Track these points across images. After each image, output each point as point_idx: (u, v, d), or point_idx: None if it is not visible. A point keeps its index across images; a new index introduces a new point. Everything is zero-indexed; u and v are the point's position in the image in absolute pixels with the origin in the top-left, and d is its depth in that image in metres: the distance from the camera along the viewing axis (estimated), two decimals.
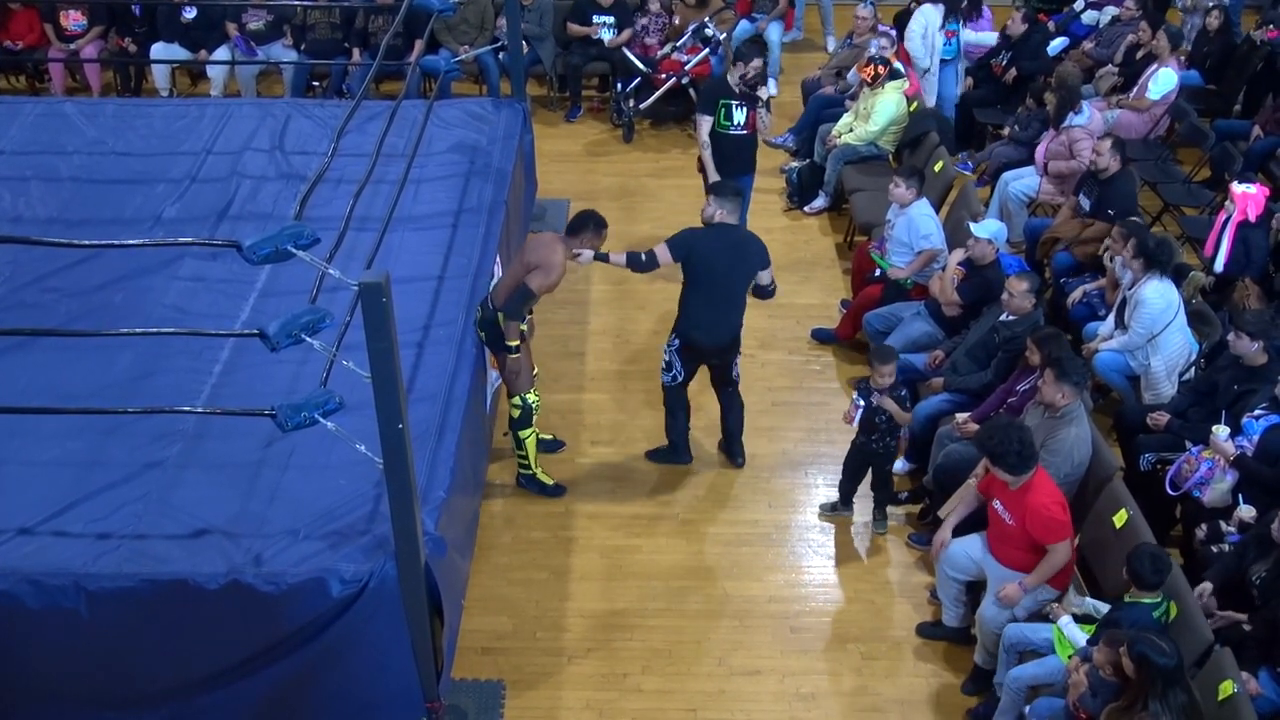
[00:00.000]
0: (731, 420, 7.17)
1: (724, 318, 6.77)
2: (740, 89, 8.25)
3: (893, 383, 6.52)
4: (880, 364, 6.49)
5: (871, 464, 6.71)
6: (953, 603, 6.06)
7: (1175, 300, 6.91)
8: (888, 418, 6.51)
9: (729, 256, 6.64)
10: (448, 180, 7.80)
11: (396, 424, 4.47)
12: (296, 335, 4.28)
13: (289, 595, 4.92)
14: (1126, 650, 4.68)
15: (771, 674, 6.01)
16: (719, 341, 6.80)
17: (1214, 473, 6.02)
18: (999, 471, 5.54)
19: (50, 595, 4.92)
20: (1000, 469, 5.52)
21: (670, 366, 6.88)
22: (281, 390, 5.64)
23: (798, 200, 9.76)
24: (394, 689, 5.22)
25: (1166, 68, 9.33)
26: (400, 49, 10.02)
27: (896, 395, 6.51)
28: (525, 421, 6.77)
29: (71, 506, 5.32)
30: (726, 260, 6.63)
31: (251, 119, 8.49)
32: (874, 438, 6.59)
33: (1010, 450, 5.47)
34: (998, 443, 5.52)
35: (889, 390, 6.48)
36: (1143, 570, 5.11)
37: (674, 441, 7.16)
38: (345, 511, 5.27)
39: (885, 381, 6.48)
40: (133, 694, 5.23)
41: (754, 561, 6.64)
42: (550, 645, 6.14)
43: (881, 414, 6.50)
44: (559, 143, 10.62)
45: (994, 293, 7.02)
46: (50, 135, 8.24)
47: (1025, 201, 8.95)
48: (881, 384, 6.48)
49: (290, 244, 4.25)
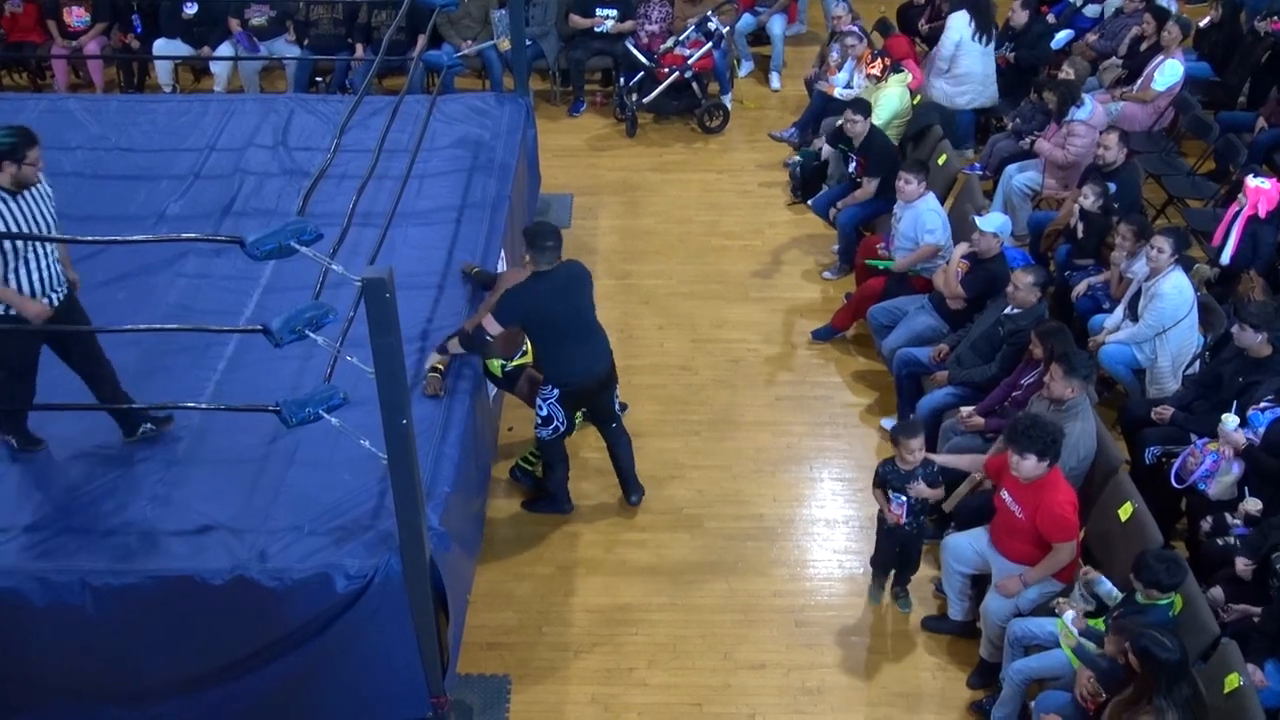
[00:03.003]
0: (621, 455, 6.78)
1: (592, 350, 6.36)
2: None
3: (922, 459, 5.97)
4: (907, 439, 5.91)
5: (903, 546, 6.19)
6: (958, 596, 6.06)
7: (1191, 296, 6.89)
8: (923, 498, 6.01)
9: (564, 298, 6.16)
10: (451, 175, 7.80)
11: (401, 419, 4.47)
12: (300, 331, 4.28)
13: (294, 591, 4.94)
14: (1130, 645, 4.68)
15: (777, 668, 6.01)
16: (598, 375, 6.39)
17: (1219, 465, 6.01)
18: (1015, 457, 5.50)
19: (56, 591, 4.94)
20: (1014, 449, 5.48)
21: (550, 419, 6.35)
22: (286, 386, 5.66)
23: (801, 194, 9.75)
24: (399, 684, 5.23)
25: (1173, 59, 9.31)
26: (403, 44, 10.00)
27: (928, 475, 5.97)
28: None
29: (77, 503, 5.34)
30: (563, 303, 6.15)
31: (255, 115, 8.49)
32: (907, 520, 6.07)
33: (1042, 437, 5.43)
34: (1027, 427, 5.46)
35: (919, 468, 5.95)
36: (1158, 575, 5.08)
37: (555, 493, 6.81)
38: (350, 507, 5.28)
39: (915, 458, 5.92)
40: (138, 689, 5.25)
41: (759, 556, 6.64)
42: (556, 640, 6.14)
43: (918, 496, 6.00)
44: (562, 137, 10.61)
45: (998, 286, 7.01)
46: (53, 131, 8.22)
47: (1029, 194, 8.93)
48: (911, 462, 5.93)
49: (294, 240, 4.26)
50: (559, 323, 6.16)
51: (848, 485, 7.12)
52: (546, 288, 6.11)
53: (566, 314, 6.18)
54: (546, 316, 6.13)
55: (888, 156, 8.54)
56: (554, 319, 6.15)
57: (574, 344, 6.25)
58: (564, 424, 6.40)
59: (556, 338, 6.20)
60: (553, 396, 6.32)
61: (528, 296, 6.08)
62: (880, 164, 8.43)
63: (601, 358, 6.43)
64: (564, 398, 6.33)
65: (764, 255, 9.12)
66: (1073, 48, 10.47)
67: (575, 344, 6.26)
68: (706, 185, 10.01)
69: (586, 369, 6.34)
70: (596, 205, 9.59)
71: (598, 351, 6.41)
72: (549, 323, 6.15)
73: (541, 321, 6.15)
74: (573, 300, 6.22)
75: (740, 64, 11.72)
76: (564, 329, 6.19)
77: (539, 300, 6.09)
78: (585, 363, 6.33)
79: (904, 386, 7.31)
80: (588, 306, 6.36)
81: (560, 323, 6.17)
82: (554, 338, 6.20)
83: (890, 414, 7.47)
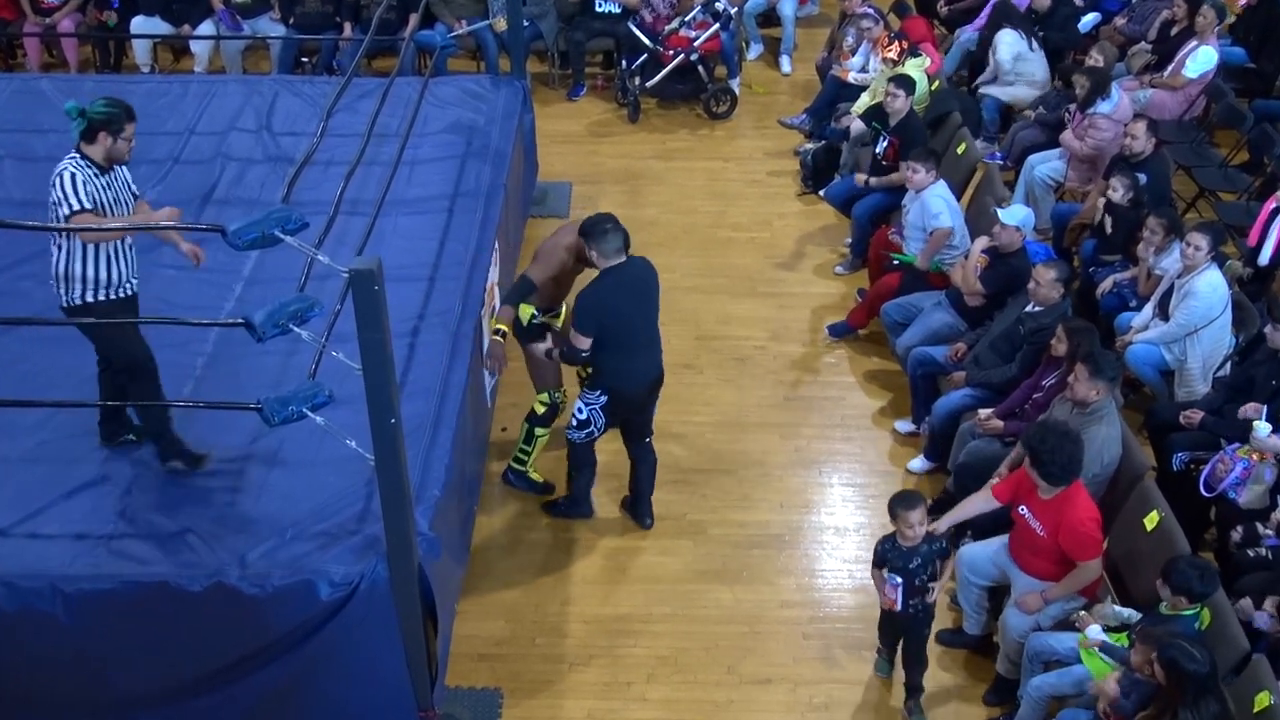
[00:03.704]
0: (643, 476, 6.72)
1: (651, 358, 6.37)
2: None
3: (926, 533, 5.55)
4: (906, 511, 5.48)
5: (905, 632, 5.77)
6: (974, 609, 6.06)
7: (1226, 295, 6.88)
8: (927, 577, 5.58)
9: (634, 298, 6.16)
10: (443, 162, 7.81)
11: (389, 418, 4.47)
12: (284, 325, 4.29)
13: (275, 598, 4.94)
14: (1157, 656, 4.69)
15: (783, 683, 6.01)
16: (651, 383, 6.42)
17: (1250, 473, 6.01)
18: (1035, 474, 5.50)
19: (25, 598, 4.94)
20: (1037, 472, 5.48)
21: (588, 423, 6.32)
22: (268, 383, 5.66)
23: (812, 184, 9.75)
24: (386, 697, 5.24)
25: (1207, 45, 9.29)
26: (393, 23, 10.00)
27: (933, 552, 5.56)
28: (546, 420, 6.76)
29: (47, 505, 5.35)
30: (632, 303, 6.14)
31: (237, 97, 8.51)
32: (910, 602, 5.66)
33: (1058, 460, 5.40)
34: (1049, 448, 5.41)
35: (921, 544, 5.53)
36: (1190, 582, 5.08)
37: (577, 496, 6.79)
38: (335, 510, 5.29)
39: (916, 534, 5.49)
40: (111, 701, 5.25)
41: (765, 564, 6.65)
42: (550, 652, 6.14)
43: (921, 574, 5.56)
44: (561, 123, 10.61)
45: (1019, 282, 7.01)
46: (25, 113, 8.25)
47: (1052, 186, 8.93)
48: (912, 538, 5.51)
49: (278, 229, 4.27)
50: (627, 325, 6.14)
51: (859, 491, 7.12)
52: (616, 284, 6.08)
53: (635, 316, 6.17)
54: (618, 317, 6.09)
55: (922, 141, 8.53)
56: (623, 321, 6.12)
57: (637, 350, 6.25)
58: (600, 430, 6.40)
59: (621, 341, 6.16)
60: (599, 402, 6.29)
61: (603, 295, 6.05)
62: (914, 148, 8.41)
63: (655, 365, 6.43)
64: (611, 404, 6.30)
65: (773, 248, 9.13)
66: (1100, 32, 10.48)
67: (638, 350, 6.26)
68: (712, 174, 10.02)
69: (643, 377, 6.35)
70: (596, 194, 9.59)
71: (653, 359, 6.40)
72: (619, 325, 6.11)
73: (611, 324, 6.09)
74: (641, 301, 6.20)
75: (749, 46, 11.72)
76: (631, 332, 6.17)
77: (612, 298, 6.06)
78: (644, 370, 6.34)
79: (919, 387, 7.31)
80: (654, 309, 6.34)
81: (629, 325, 6.15)
82: (619, 341, 6.15)
83: (904, 416, 7.47)
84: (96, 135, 5.16)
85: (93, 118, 5.16)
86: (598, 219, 6.16)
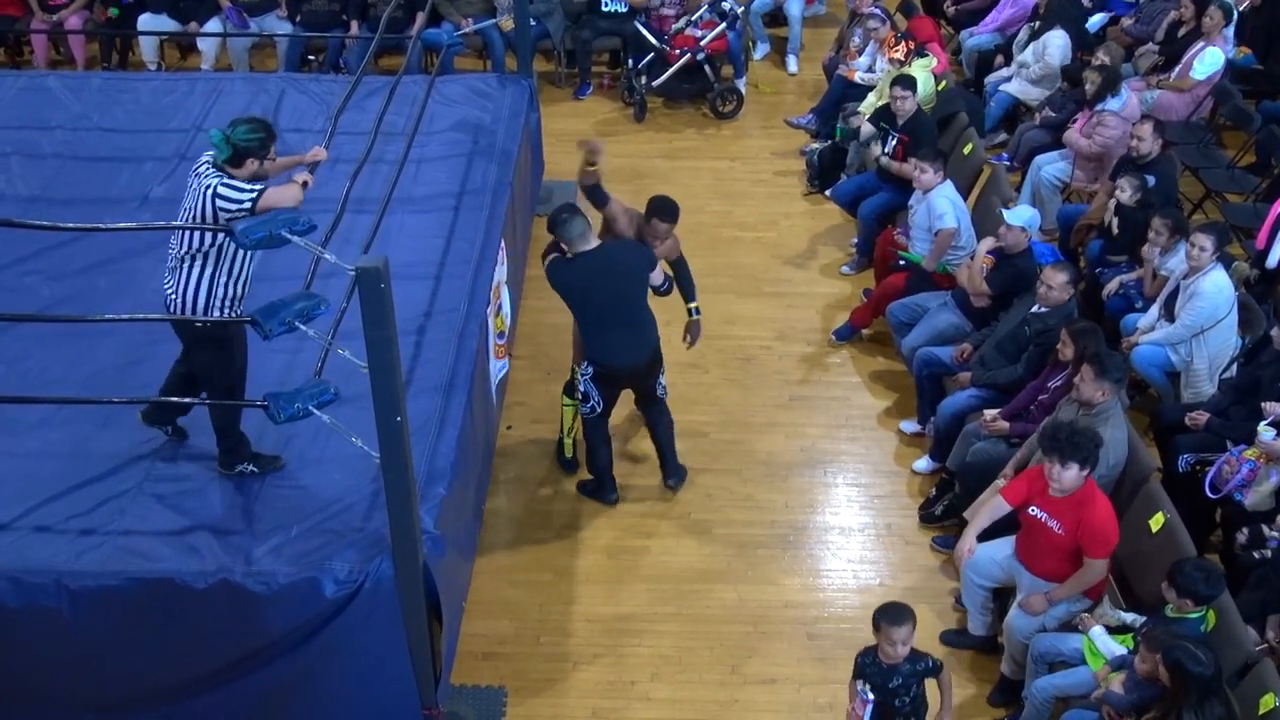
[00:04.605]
0: (661, 435, 6.93)
1: (635, 339, 6.49)
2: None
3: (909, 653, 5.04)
4: (890, 626, 4.96)
5: None
6: (979, 610, 6.05)
7: (1232, 296, 6.88)
8: (911, 700, 5.11)
9: (607, 280, 6.31)
10: (450, 160, 7.81)
11: (395, 416, 4.48)
12: (290, 323, 4.30)
13: (280, 595, 4.95)
14: (1162, 658, 4.68)
15: (787, 683, 6.01)
16: (635, 362, 6.53)
17: (1256, 474, 6.00)
18: (1056, 468, 5.45)
19: (30, 593, 4.95)
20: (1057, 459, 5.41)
21: (588, 397, 6.57)
22: (274, 380, 5.66)
23: (818, 184, 9.75)
24: (390, 695, 5.24)
25: (1214, 46, 9.29)
26: (400, 21, 10.00)
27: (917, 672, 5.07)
28: (570, 391, 6.92)
29: (53, 500, 5.35)
30: (605, 286, 6.31)
31: (244, 94, 8.52)
32: None
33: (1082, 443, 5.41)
34: (1067, 434, 5.43)
35: (907, 660, 5.04)
36: (1195, 585, 5.08)
37: (597, 479, 6.91)
38: (340, 508, 5.30)
39: (899, 653, 5.01)
40: (116, 697, 5.26)
41: (770, 564, 6.65)
42: (554, 650, 6.15)
43: (902, 696, 5.09)
44: (567, 121, 10.61)
45: (1025, 283, 7.01)
46: (32, 110, 8.27)
47: (1058, 187, 8.93)
48: (894, 656, 5.02)
49: (284, 228, 4.28)
50: (599, 305, 6.38)
51: (864, 491, 7.12)
52: (583, 267, 6.29)
53: (609, 298, 6.36)
54: (585, 296, 6.35)
55: (931, 139, 8.53)
56: (593, 301, 6.37)
57: (616, 329, 6.43)
58: (599, 404, 6.59)
59: (596, 320, 6.43)
60: (588, 374, 6.55)
61: (571, 276, 6.33)
62: (923, 147, 8.40)
63: (644, 347, 6.56)
64: (598, 378, 6.52)
65: (779, 248, 9.13)
66: (1107, 32, 10.46)
67: (617, 329, 6.44)
68: (719, 174, 10.02)
69: (624, 356, 6.51)
70: None
71: (641, 340, 6.54)
72: (588, 303, 6.39)
73: (581, 301, 6.39)
74: (618, 285, 6.37)
75: (755, 46, 11.73)
76: (605, 312, 6.40)
77: (579, 279, 6.31)
78: (625, 350, 6.50)
79: (924, 388, 7.31)
80: (636, 293, 6.48)
81: (601, 305, 6.38)
82: (593, 319, 6.44)
83: (910, 416, 7.47)
84: (244, 161, 5.11)
85: (240, 145, 5.09)
86: (555, 210, 6.40)
